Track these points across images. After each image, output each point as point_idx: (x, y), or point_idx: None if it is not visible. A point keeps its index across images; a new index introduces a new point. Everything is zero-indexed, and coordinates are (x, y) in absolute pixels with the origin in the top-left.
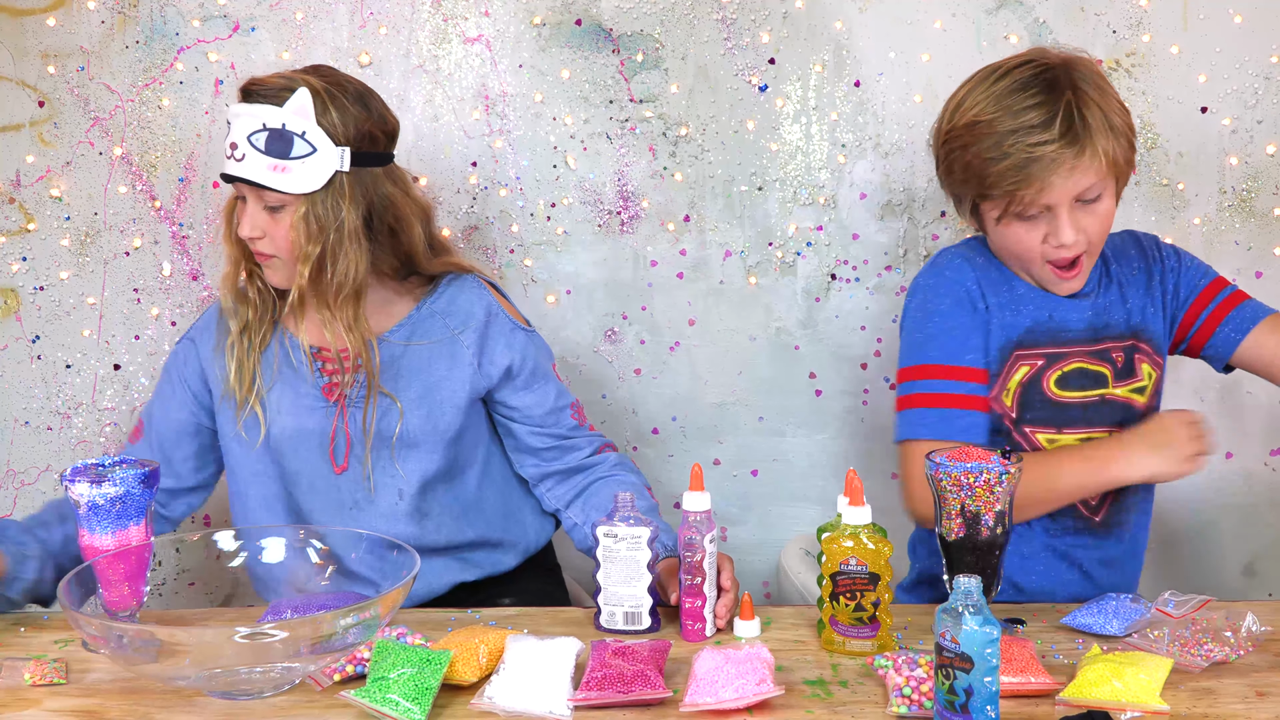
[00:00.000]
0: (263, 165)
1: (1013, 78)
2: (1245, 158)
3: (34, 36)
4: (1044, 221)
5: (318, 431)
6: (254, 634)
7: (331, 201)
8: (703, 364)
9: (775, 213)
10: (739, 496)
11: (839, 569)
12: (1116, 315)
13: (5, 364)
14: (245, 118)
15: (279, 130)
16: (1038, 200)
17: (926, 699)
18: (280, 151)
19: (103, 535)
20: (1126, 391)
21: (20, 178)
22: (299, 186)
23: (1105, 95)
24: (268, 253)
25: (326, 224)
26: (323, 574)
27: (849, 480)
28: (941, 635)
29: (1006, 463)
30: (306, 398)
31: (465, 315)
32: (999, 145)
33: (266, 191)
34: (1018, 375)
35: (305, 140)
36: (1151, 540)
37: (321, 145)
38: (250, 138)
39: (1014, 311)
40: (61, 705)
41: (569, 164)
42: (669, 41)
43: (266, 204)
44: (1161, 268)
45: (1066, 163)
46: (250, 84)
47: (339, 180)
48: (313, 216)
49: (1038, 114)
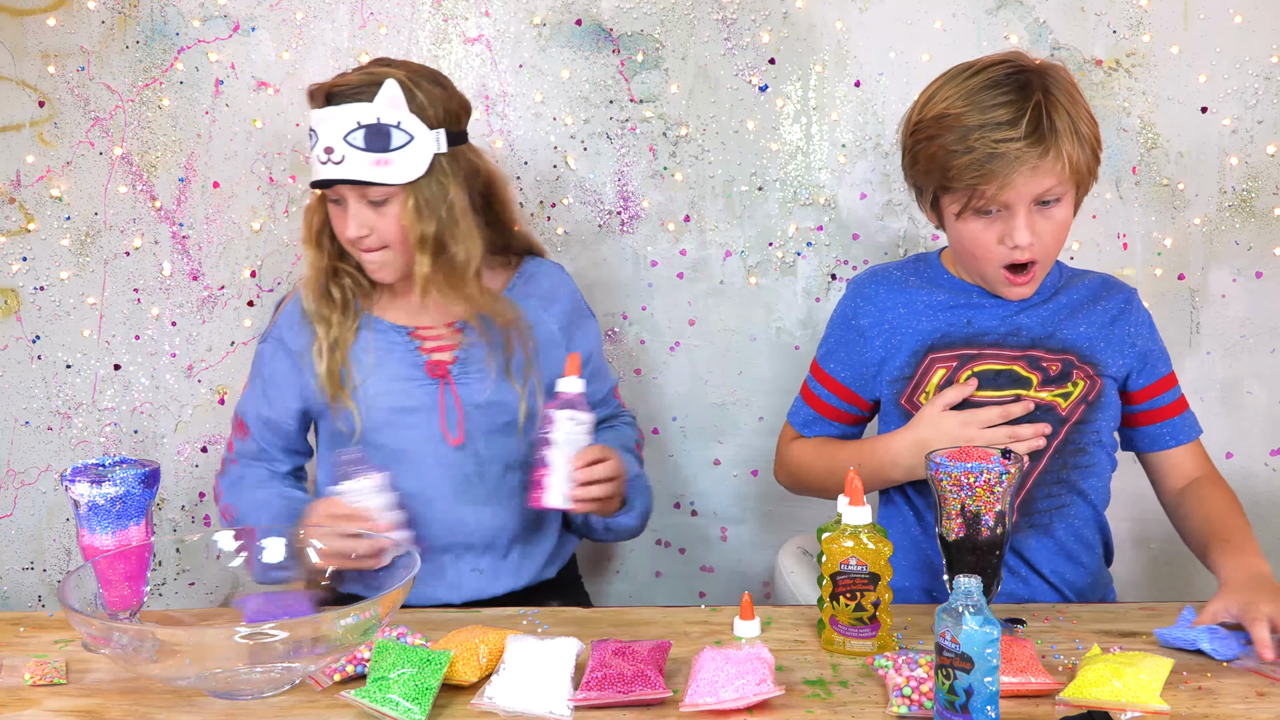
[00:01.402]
0: (365, 162)
1: (986, 75)
2: (1245, 158)
3: (34, 36)
4: (1001, 221)
5: (424, 408)
6: (254, 634)
7: (436, 185)
8: (703, 364)
9: (775, 213)
10: (739, 496)
11: (839, 569)
12: (1060, 330)
13: (5, 364)
14: (334, 120)
15: (375, 125)
16: (998, 197)
17: (926, 699)
18: (381, 145)
19: (103, 535)
20: (1051, 394)
21: (20, 178)
22: (404, 176)
23: (1075, 103)
24: (376, 246)
25: (436, 207)
26: (323, 574)
27: (849, 480)
28: (941, 635)
29: (1007, 462)
30: (408, 379)
31: (552, 296)
32: (964, 139)
33: (371, 187)
34: (935, 378)
35: (402, 130)
36: (1152, 540)
37: (418, 132)
38: (347, 138)
39: (927, 318)
40: (61, 705)
41: (569, 164)
42: (669, 41)
43: (370, 200)
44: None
45: (1029, 162)
46: (331, 87)
47: (439, 163)
48: (421, 202)
49: (1006, 111)
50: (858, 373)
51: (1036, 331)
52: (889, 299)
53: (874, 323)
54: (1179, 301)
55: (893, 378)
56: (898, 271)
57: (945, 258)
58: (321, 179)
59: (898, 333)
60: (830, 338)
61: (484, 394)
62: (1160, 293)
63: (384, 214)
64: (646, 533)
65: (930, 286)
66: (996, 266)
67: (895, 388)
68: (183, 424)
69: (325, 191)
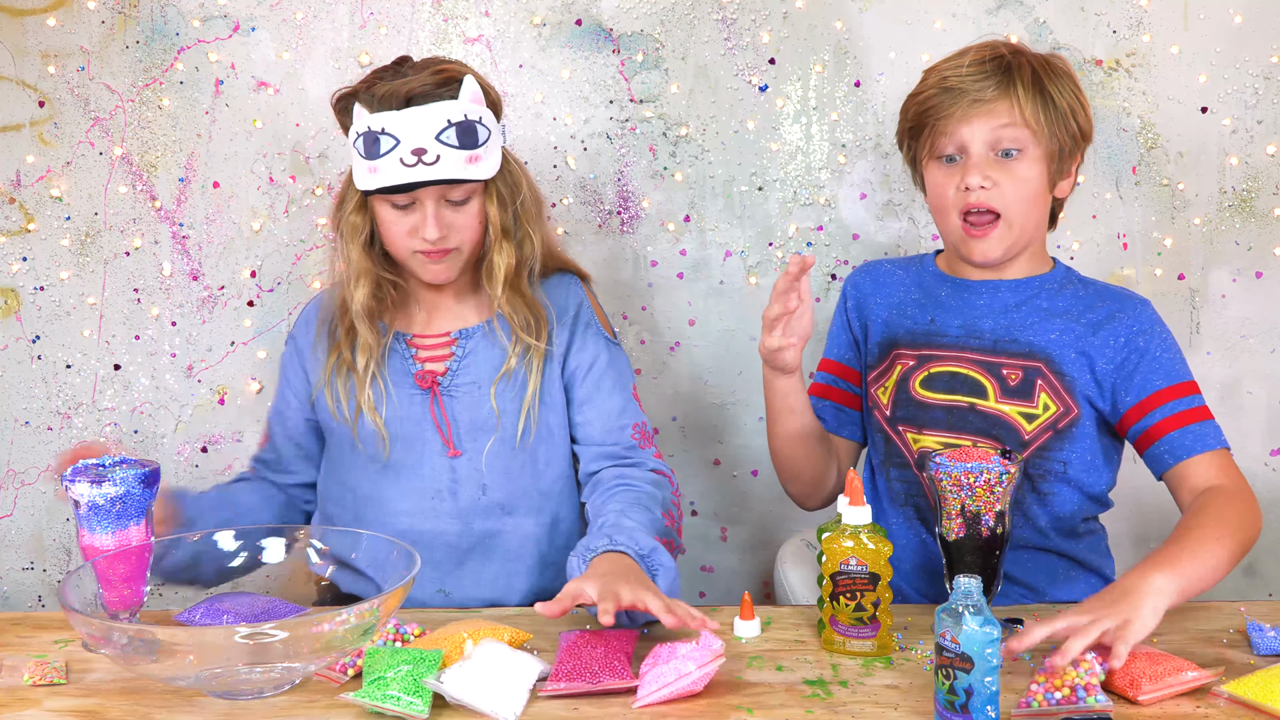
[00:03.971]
0: (459, 161)
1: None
2: (1245, 158)
3: (34, 36)
4: (960, 168)
5: (410, 419)
6: (254, 634)
7: (509, 176)
8: (703, 364)
9: (775, 213)
10: (739, 496)
11: (839, 569)
12: (1026, 334)
13: (5, 364)
14: (420, 121)
15: (464, 122)
16: (955, 134)
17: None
18: (472, 143)
19: (103, 535)
20: (1013, 411)
21: (20, 178)
22: (490, 171)
23: (1056, 75)
24: (452, 246)
25: (513, 199)
26: (323, 573)
27: (849, 480)
28: (941, 635)
29: (1007, 462)
30: (399, 386)
31: (559, 310)
32: (929, 79)
33: (455, 186)
34: (895, 374)
35: (484, 125)
36: (1151, 539)
37: (493, 126)
38: (439, 137)
39: (899, 312)
40: (61, 705)
41: (569, 164)
42: (669, 41)
43: (451, 200)
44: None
45: (971, 93)
46: (410, 89)
47: (506, 155)
48: (503, 194)
49: (967, 55)
50: (855, 354)
51: (999, 334)
52: (869, 288)
53: (854, 307)
54: (1179, 301)
55: (868, 364)
56: (889, 266)
57: (940, 258)
58: (409, 182)
59: (869, 322)
60: (832, 330)
61: (473, 408)
62: (1160, 293)
63: (464, 212)
64: None
65: (912, 282)
66: (956, 216)
67: (865, 372)
68: (183, 424)
69: (391, 196)
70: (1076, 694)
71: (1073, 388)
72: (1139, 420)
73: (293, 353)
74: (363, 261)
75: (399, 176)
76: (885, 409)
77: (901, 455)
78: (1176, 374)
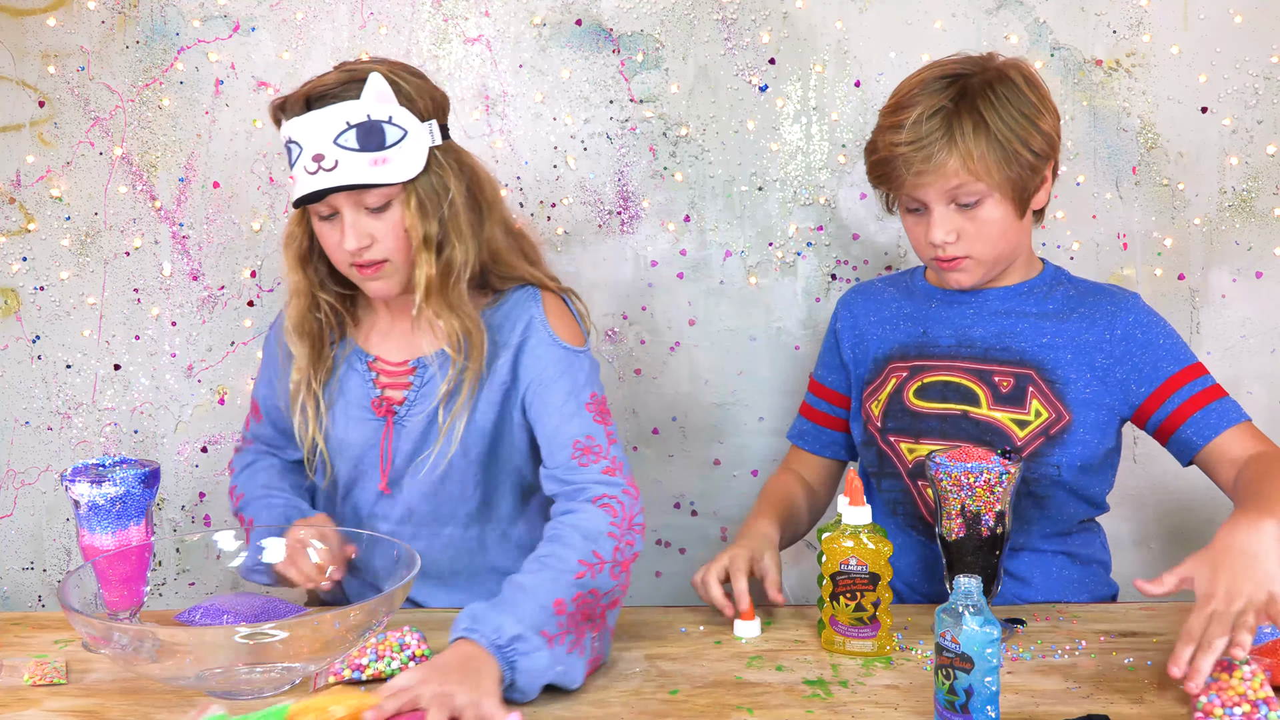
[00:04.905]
0: (362, 164)
1: (922, 77)
2: (1245, 158)
3: (34, 36)
4: (926, 218)
5: (365, 445)
6: (254, 634)
7: (436, 180)
8: (703, 364)
9: (775, 213)
10: (739, 496)
11: (839, 569)
12: (1016, 341)
13: (5, 364)
14: (319, 125)
15: (366, 123)
16: (912, 195)
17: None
18: (376, 143)
19: (103, 535)
20: (1005, 417)
21: (20, 178)
22: (403, 174)
23: (1003, 106)
24: (379, 259)
25: (438, 204)
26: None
27: (849, 480)
28: (942, 635)
29: (1007, 462)
30: (360, 409)
31: (507, 329)
32: (879, 139)
33: (369, 191)
34: (889, 387)
35: (395, 125)
36: (1152, 540)
37: (410, 125)
38: (338, 141)
39: (892, 328)
40: (61, 705)
41: (569, 164)
42: (669, 41)
43: (368, 207)
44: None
45: (915, 166)
46: (310, 91)
47: (435, 157)
48: (425, 201)
49: (907, 114)
50: (840, 376)
51: (990, 342)
52: (862, 309)
53: (846, 328)
54: (1179, 301)
55: (860, 382)
56: (880, 284)
57: (929, 272)
58: (312, 191)
59: (865, 340)
60: (821, 350)
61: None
62: (1160, 293)
63: (384, 219)
64: (647, 532)
65: (903, 297)
66: (930, 258)
67: (860, 389)
68: (183, 424)
69: (313, 207)
70: (1258, 708)
71: (1064, 394)
72: (1158, 408)
73: (271, 351)
74: (295, 276)
75: (305, 185)
76: (876, 420)
77: (893, 465)
78: (1184, 358)
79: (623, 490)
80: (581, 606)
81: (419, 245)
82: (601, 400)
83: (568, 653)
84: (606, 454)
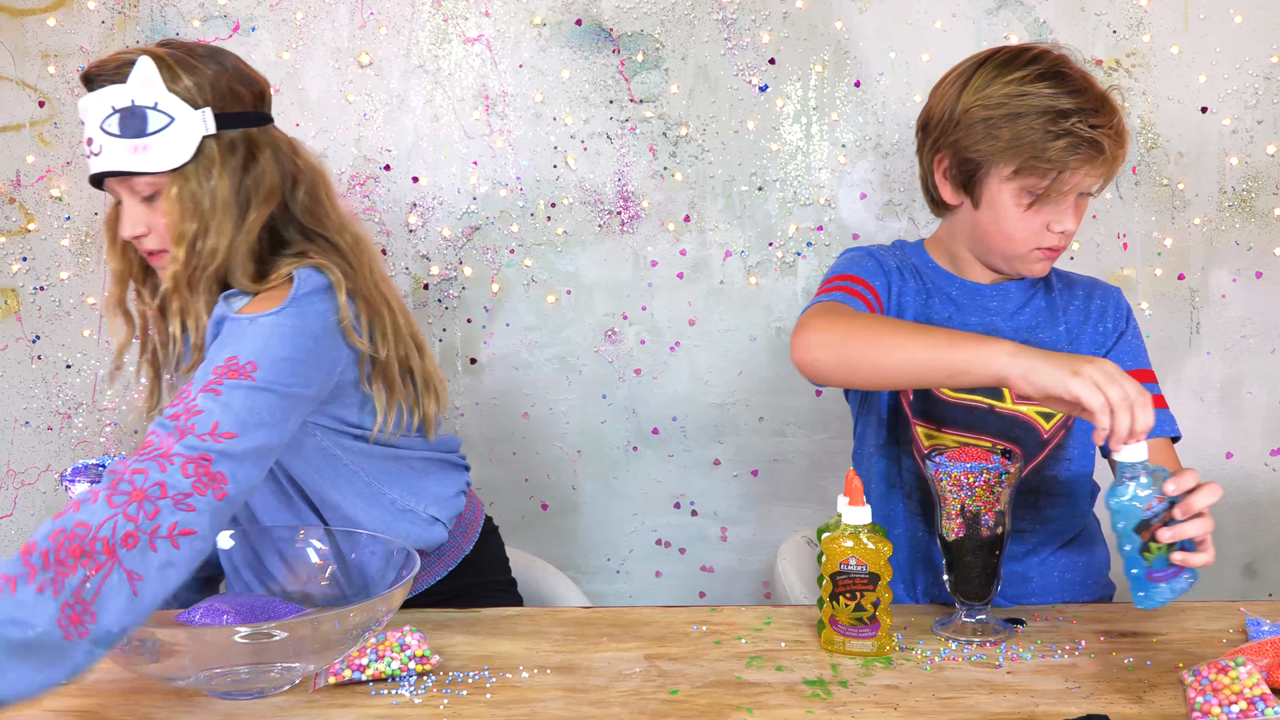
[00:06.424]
0: (123, 151)
1: (1047, 63)
2: (1245, 158)
3: (34, 36)
4: (1051, 205)
5: None
6: (254, 634)
7: (204, 172)
8: (703, 364)
9: (775, 213)
10: (739, 496)
11: (839, 569)
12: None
13: (5, 364)
14: (92, 108)
15: (129, 108)
16: (1064, 180)
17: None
18: (136, 130)
19: None
20: (1031, 410)
21: (20, 178)
22: (165, 163)
23: None
24: (156, 248)
25: (202, 198)
26: (323, 573)
27: (849, 480)
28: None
29: (1007, 462)
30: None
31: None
32: (1058, 121)
33: (135, 179)
34: None
35: (159, 111)
36: None
37: (179, 113)
38: (103, 125)
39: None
40: (61, 705)
41: (569, 164)
42: (669, 41)
43: (141, 195)
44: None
45: (1111, 150)
46: (91, 70)
47: (208, 147)
48: (188, 193)
49: (1088, 99)
50: (879, 280)
51: (1015, 336)
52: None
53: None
54: (1179, 301)
55: None
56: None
57: (929, 247)
58: (90, 174)
59: (902, 301)
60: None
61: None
62: (1160, 293)
63: (156, 209)
64: (647, 533)
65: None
66: (1030, 249)
67: None
68: None
69: (109, 191)
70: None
71: None
72: None
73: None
74: (110, 255)
75: (88, 168)
76: (909, 394)
77: (909, 448)
78: (1142, 360)
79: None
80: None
81: (174, 237)
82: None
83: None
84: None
